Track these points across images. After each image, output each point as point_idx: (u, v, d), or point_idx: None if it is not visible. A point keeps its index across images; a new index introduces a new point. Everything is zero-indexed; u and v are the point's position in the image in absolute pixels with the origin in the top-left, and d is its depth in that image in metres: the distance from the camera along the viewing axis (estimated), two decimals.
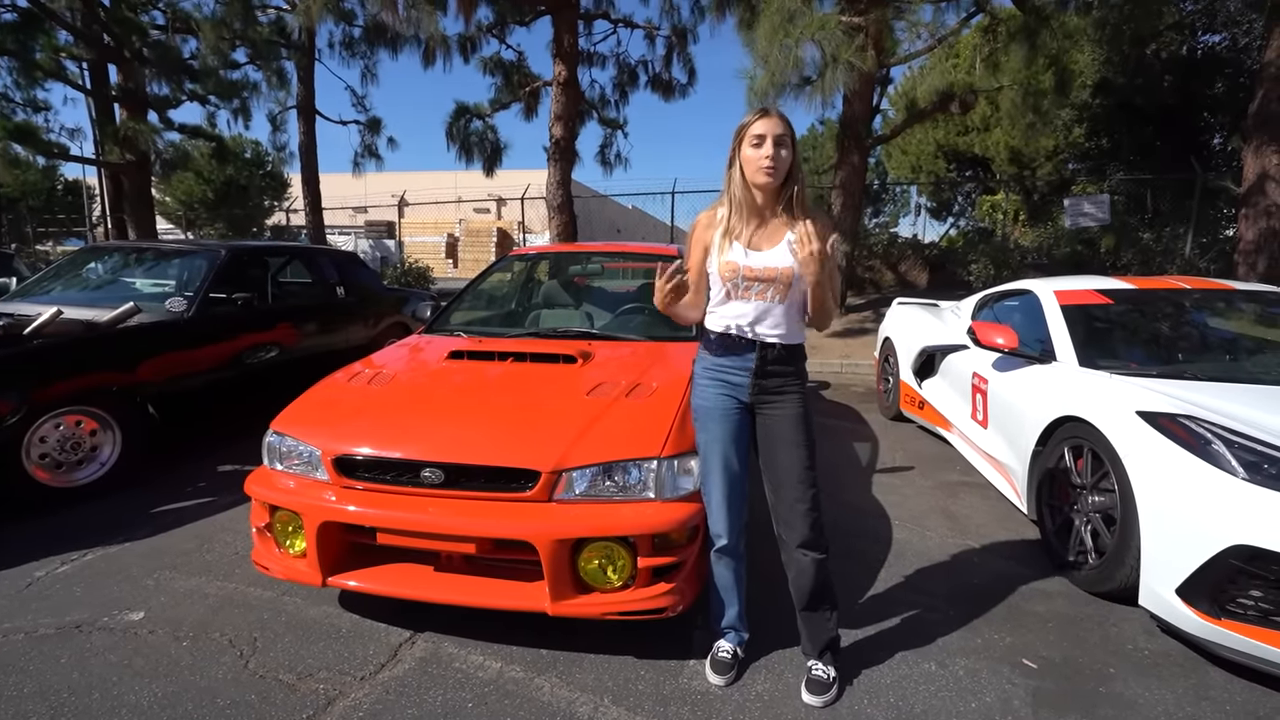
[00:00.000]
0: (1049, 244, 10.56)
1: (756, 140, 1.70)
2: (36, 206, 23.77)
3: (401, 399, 2.28)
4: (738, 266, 1.76)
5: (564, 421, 2.05)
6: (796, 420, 1.79)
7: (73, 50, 10.58)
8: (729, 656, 1.93)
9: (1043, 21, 7.07)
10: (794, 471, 1.78)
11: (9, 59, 10.24)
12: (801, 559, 1.80)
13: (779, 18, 5.64)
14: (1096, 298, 3.22)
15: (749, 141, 1.72)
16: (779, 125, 1.70)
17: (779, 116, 1.71)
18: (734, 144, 1.76)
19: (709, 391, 1.86)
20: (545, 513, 1.87)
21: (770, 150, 1.69)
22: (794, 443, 1.79)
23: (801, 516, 1.77)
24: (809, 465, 1.79)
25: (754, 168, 1.71)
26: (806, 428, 1.81)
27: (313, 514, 1.98)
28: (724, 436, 1.83)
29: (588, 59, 11.41)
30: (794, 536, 1.79)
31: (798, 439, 1.79)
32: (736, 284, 1.77)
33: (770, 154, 1.69)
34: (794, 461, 1.78)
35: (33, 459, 3.10)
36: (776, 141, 1.69)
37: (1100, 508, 2.37)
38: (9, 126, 8.98)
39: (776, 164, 1.70)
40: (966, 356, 3.76)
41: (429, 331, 3.24)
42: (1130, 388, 2.45)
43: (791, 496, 1.78)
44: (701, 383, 1.89)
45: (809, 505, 1.78)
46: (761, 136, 1.70)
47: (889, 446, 4.35)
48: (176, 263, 4.37)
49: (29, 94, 12.35)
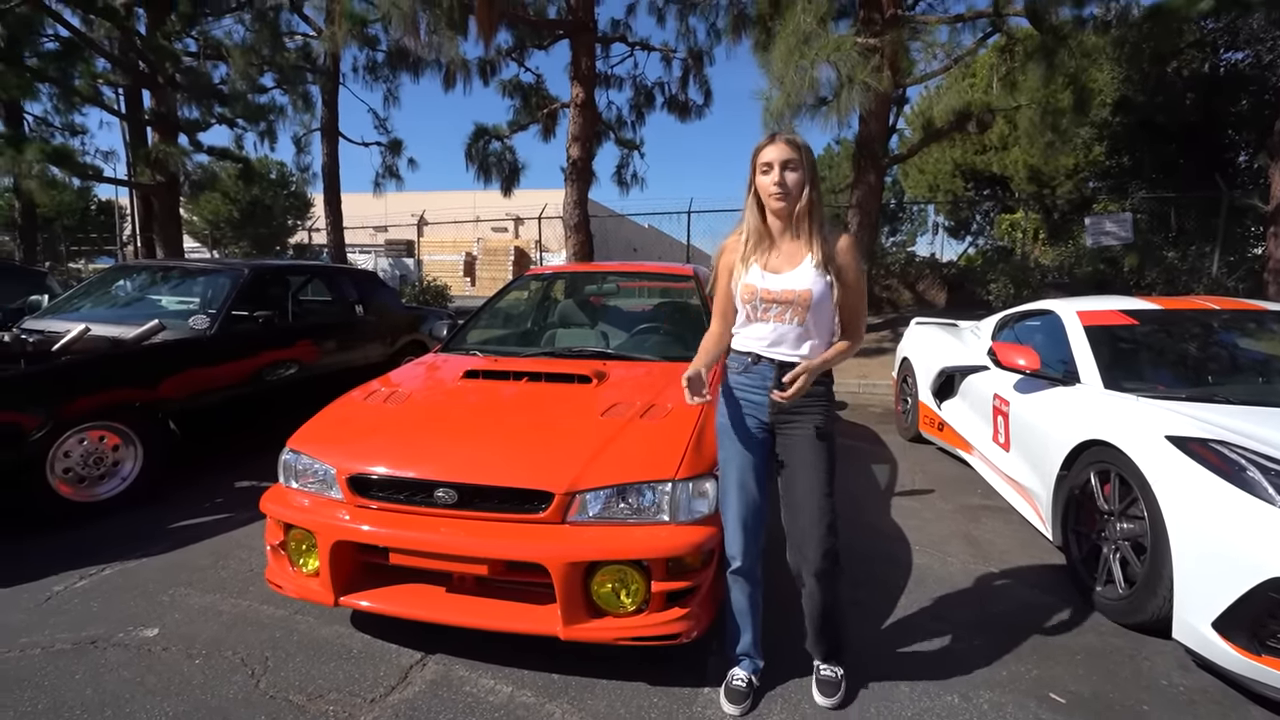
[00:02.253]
0: (1070, 263, 10.42)
1: (765, 167, 1.73)
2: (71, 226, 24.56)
3: (416, 418, 2.29)
4: (755, 289, 1.77)
5: (578, 442, 2.04)
6: (814, 442, 1.78)
7: (109, 77, 10.99)
8: (743, 685, 1.89)
9: (1060, 40, 7.06)
10: (809, 495, 1.76)
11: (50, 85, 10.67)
12: (812, 584, 1.78)
13: (794, 39, 5.69)
14: (1121, 318, 3.15)
15: (760, 168, 1.74)
16: (786, 150, 1.71)
17: (785, 142, 1.72)
18: (750, 169, 1.79)
19: (733, 410, 1.87)
20: (558, 535, 1.85)
21: (777, 176, 1.70)
22: (810, 465, 1.77)
23: (816, 541, 1.75)
24: (826, 490, 1.76)
25: (766, 194, 1.74)
26: (826, 451, 1.79)
27: (326, 533, 1.98)
28: (742, 455, 1.83)
29: (605, 81, 11.61)
30: (807, 562, 1.77)
31: (814, 461, 1.77)
32: (755, 306, 1.78)
33: (777, 179, 1.70)
34: (809, 484, 1.76)
35: (56, 473, 3.15)
36: (783, 166, 1.70)
37: (1129, 535, 2.29)
38: (47, 149, 9.29)
39: (785, 189, 1.71)
40: (987, 377, 3.69)
41: (445, 350, 3.26)
42: (1158, 411, 2.38)
43: (805, 520, 1.77)
44: (724, 401, 1.90)
45: (823, 530, 1.75)
46: (769, 164, 1.72)
47: (908, 469, 4.27)
48: (201, 281, 4.46)
49: (67, 118, 12.89)
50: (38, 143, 9.44)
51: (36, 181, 9.75)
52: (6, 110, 12.04)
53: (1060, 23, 7.34)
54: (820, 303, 1.74)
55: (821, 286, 1.73)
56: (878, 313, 10.60)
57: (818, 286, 1.73)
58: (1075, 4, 7.37)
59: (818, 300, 1.74)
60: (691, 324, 3.40)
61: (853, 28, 7.73)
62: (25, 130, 12.28)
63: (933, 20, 7.65)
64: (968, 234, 17.84)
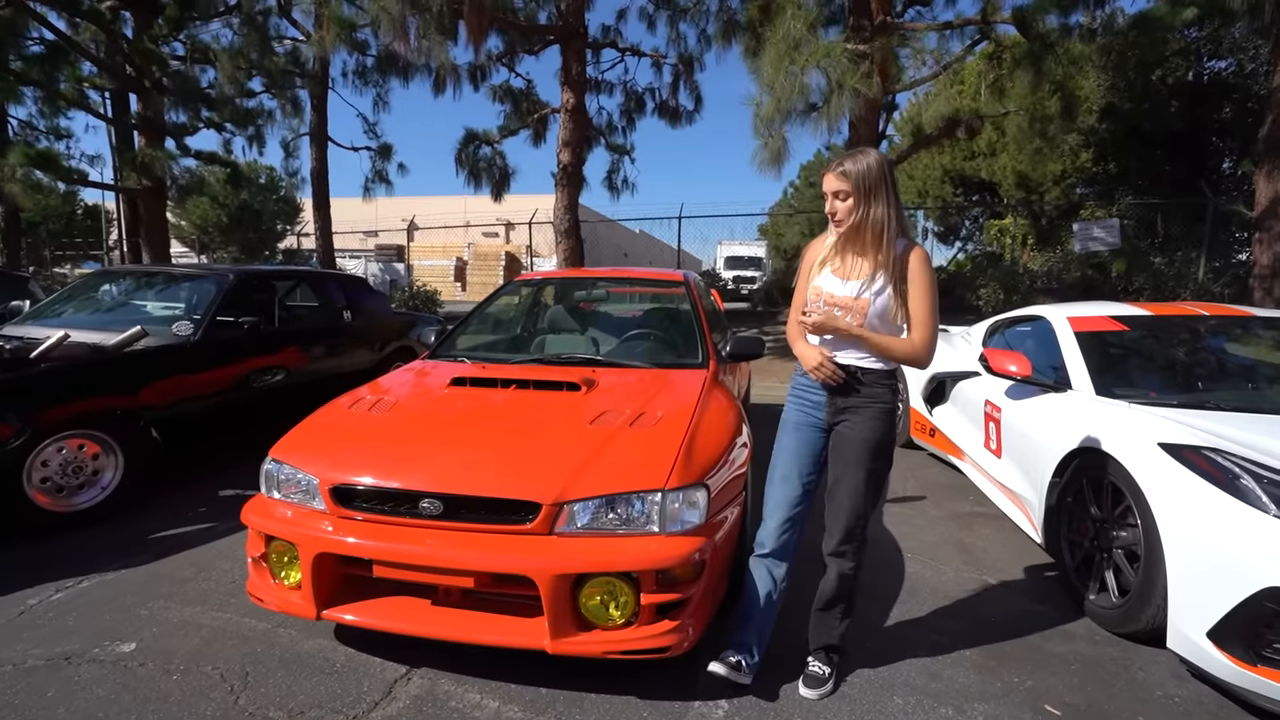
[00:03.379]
0: (1059, 268, 10.50)
1: (826, 196, 1.89)
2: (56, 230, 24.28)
3: (401, 427, 2.24)
4: (821, 292, 1.90)
5: (566, 452, 2.00)
6: (861, 442, 1.87)
7: (95, 80, 10.87)
8: (723, 670, 1.89)
9: (1047, 48, 7.12)
10: (846, 486, 1.88)
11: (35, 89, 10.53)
12: (830, 564, 1.94)
13: (784, 45, 5.70)
14: (1111, 324, 3.15)
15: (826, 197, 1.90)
16: (835, 181, 1.84)
17: (835, 174, 1.84)
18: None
19: (791, 406, 2.03)
20: (546, 546, 1.82)
21: (830, 205, 1.87)
22: (855, 462, 1.86)
23: (841, 527, 1.89)
24: (862, 488, 1.86)
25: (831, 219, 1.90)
26: (874, 452, 1.86)
27: (308, 545, 1.93)
28: (792, 448, 1.98)
29: (596, 86, 11.60)
30: (829, 542, 1.93)
31: (860, 459, 1.86)
32: (819, 307, 1.89)
33: (830, 208, 1.87)
34: (850, 479, 1.87)
35: (34, 483, 3.08)
36: (834, 196, 1.85)
37: (1123, 544, 2.28)
38: (31, 153, 9.16)
39: (840, 215, 1.85)
40: (978, 384, 3.69)
41: (433, 357, 3.21)
42: (1150, 418, 2.37)
43: (836, 508, 1.90)
44: (790, 396, 2.05)
45: (848, 520, 1.88)
46: (825, 194, 1.89)
47: (900, 474, 4.25)
48: (186, 287, 4.39)
49: (53, 122, 12.74)
50: (21, 146, 9.30)
51: (20, 186, 9.62)
52: None
53: (1047, 30, 7.41)
54: (881, 313, 1.82)
55: (882, 299, 1.82)
56: None
57: (877, 297, 1.82)
58: (1062, 12, 7.46)
59: (877, 310, 1.82)
60: (683, 330, 3.38)
61: (842, 34, 7.78)
62: (10, 134, 12.15)
63: (921, 27, 7.70)
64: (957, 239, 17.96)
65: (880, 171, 1.79)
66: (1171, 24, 8.47)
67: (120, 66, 10.17)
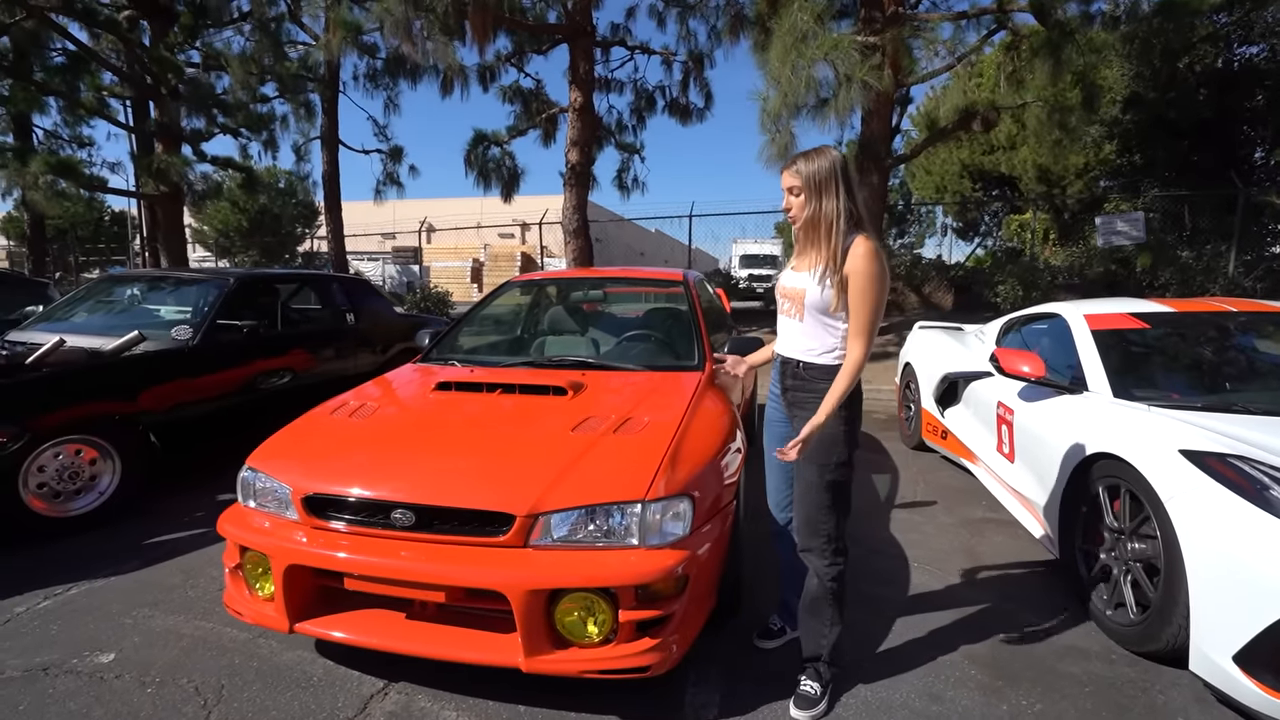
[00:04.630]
0: (1081, 264, 10.18)
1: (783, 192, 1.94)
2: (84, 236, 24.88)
3: (378, 434, 2.18)
4: (778, 283, 2.03)
5: (544, 460, 1.92)
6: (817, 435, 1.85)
7: (115, 89, 11.07)
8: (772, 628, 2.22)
9: (1066, 36, 6.88)
10: (799, 482, 1.92)
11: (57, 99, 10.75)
12: (806, 563, 1.93)
13: (791, 38, 5.57)
14: (1131, 321, 2.99)
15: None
16: (789, 178, 1.89)
17: (790, 170, 1.89)
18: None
19: (769, 404, 2.13)
20: (519, 560, 1.73)
21: (786, 201, 1.92)
22: (806, 456, 1.85)
23: (801, 520, 1.92)
24: (815, 481, 1.86)
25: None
26: (823, 446, 1.85)
27: (280, 556, 1.87)
28: (770, 442, 2.07)
29: (605, 85, 11.52)
30: (798, 539, 1.94)
31: (811, 454, 1.85)
32: (779, 300, 2.01)
33: (785, 204, 1.93)
34: (802, 475, 1.89)
35: (30, 488, 3.08)
36: (789, 192, 1.90)
37: (1141, 556, 2.14)
38: (52, 161, 9.34)
39: (794, 212, 1.90)
40: (991, 384, 3.54)
41: (425, 360, 3.16)
42: (1171, 422, 2.23)
43: (796, 503, 1.95)
44: (768, 396, 2.16)
45: (805, 512, 1.90)
46: (784, 188, 1.93)
47: (910, 478, 4.11)
48: (187, 291, 4.39)
49: (75, 131, 13.02)
50: (42, 155, 9.49)
51: (42, 193, 9.82)
52: (15, 123, 12.17)
53: (1067, 18, 7.16)
54: (815, 304, 1.85)
55: (816, 290, 1.83)
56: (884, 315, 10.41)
57: (813, 289, 1.84)
58: None
59: (811, 302, 1.85)
60: (680, 331, 3.28)
61: (853, 27, 7.61)
62: (34, 143, 12.41)
63: (935, 17, 7.50)
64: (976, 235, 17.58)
65: (831, 169, 1.82)
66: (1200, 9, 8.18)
67: (139, 75, 10.35)
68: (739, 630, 2.27)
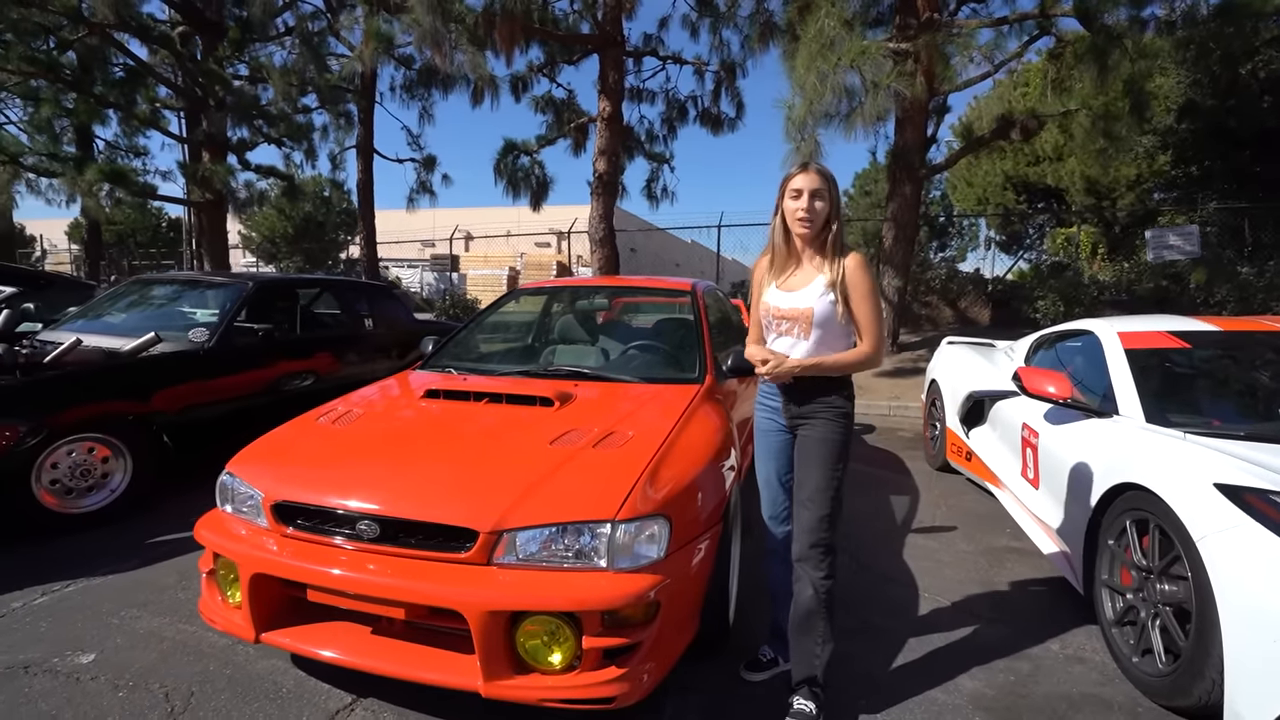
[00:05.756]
0: (1130, 279, 9.67)
1: (795, 193, 1.84)
2: (143, 242, 26.14)
3: (356, 442, 2.13)
4: (769, 306, 1.93)
5: (516, 474, 1.84)
6: (821, 442, 1.85)
7: (168, 102, 11.61)
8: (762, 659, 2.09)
9: (1114, 41, 6.56)
10: (806, 488, 1.85)
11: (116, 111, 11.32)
12: (800, 572, 1.83)
13: (817, 45, 5.44)
14: (1169, 340, 2.76)
15: (789, 194, 1.85)
16: (815, 180, 1.82)
17: (817, 171, 1.83)
18: (779, 193, 1.90)
19: (759, 415, 2.05)
20: (481, 578, 1.66)
21: (806, 204, 1.81)
22: (814, 462, 1.84)
23: (805, 531, 1.83)
24: (823, 486, 1.82)
25: (792, 218, 1.85)
26: (832, 452, 1.84)
27: (247, 563, 1.84)
28: (764, 453, 2.02)
29: (637, 95, 11.54)
30: (797, 546, 1.85)
31: (819, 459, 1.84)
32: (769, 322, 1.94)
33: (805, 207, 1.82)
34: (809, 479, 1.84)
35: (43, 483, 3.15)
36: (813, 195, 1.81)
37: (1171, 599, 1.93)
38: (105, 170, 9.81)
39: (811, 216, 1.82)
40: (1016, 405, 3.33)
41: (424, 367, 3.13)
42: (1207, 453, 2.02)
43: (802, 512, 1.85)
44: (755, 403, 2.07)
45: (810, 523, 1.81)
46: (800, 190, 1.83)
47: (931, 501, 3.90)
48: (208, 294, 4.49)
49: (132, 141, 13.70)
50: (96, 164, 9.98)
51: (94, 200, 10.34)
52: (78, 134, 12.87)
53: (1114, 23, 6.83)
54: (824, 320, 1.83)
55: (824, 305, 1.82)
56: (915, 330, 10.08)
57: (820, 305, 1.82)
58: (1133, 4, 6.86)
59: (820, 318, 1.83)
60: (684, 342, 3.18)
61: (887, 34, 7.42)
62: (95, 153, 13.10)
63: (973, 24, 7.25)
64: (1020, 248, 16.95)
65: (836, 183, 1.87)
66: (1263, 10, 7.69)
67: (190, 88, 10.83)
68: (724, 660, 2.14)
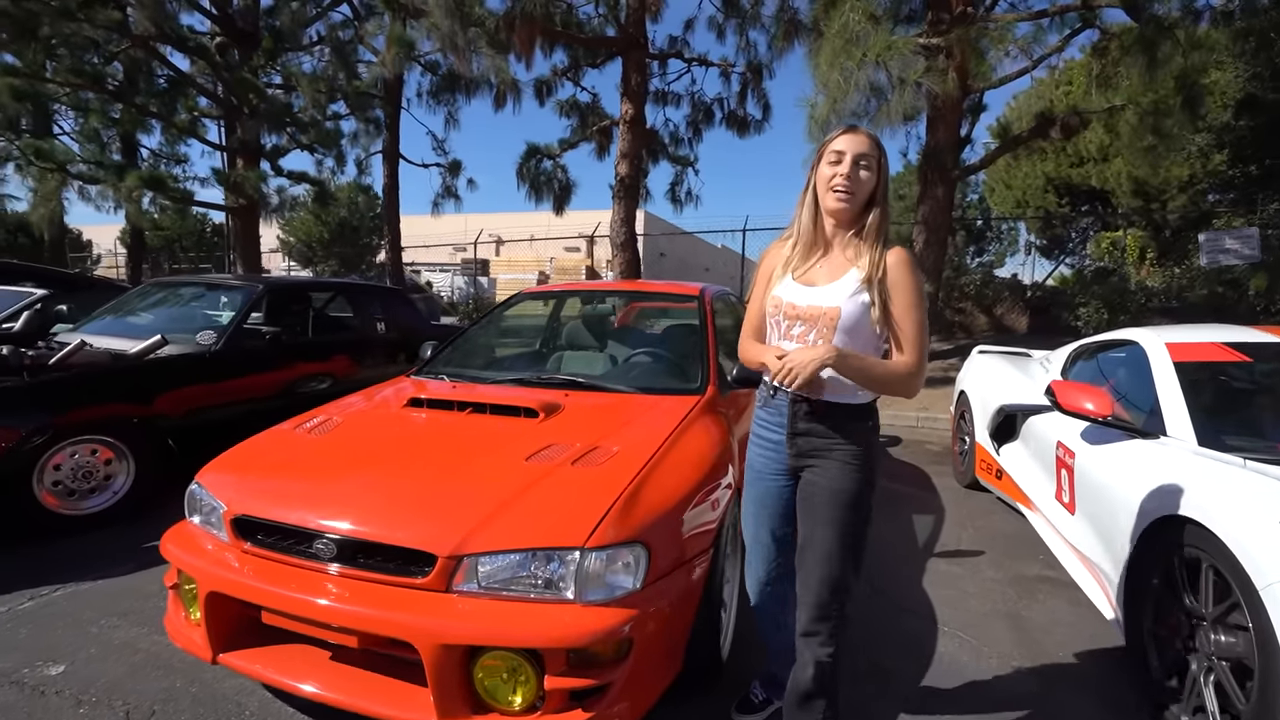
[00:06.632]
0: (1181, 285, 9.11)
1: (835, 156, 1.47)
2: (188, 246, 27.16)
3: (326, 454, 2.03)
4: (780, 302, 1.54)
5: (484, 492, 1.70)
6: (835, 495, 1.49)
7: (207, 111, 11.97)
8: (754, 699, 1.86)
9: (1163, 32, 6.16)
10: (815, 549, 1.50)
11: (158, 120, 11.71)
12: (801, 647, 1.53)
13: (840, 40, 5.22)
14: (1225, 353, 2.48)
15: (828, 158, 1.48)
16: (864, 143, 1.45)
17: (867, 135, 1.47)
18: (812, 163, 1.54)
19: (753, 449, 1.67)
20: (436, 607, 1.52)
21: (848, 169, 1.44)
22: (825, 520, 1.49)
23: (812, 603, 1.50)
24: (836, 552, 1.48)
25: (826, 186, 1.48)
26: (849, 505, 1.48)
27: (204, 580, 1.74)
28: (756, 501, 1.66)
29: (662, 98, 11.43)
30: (800, 619, 1.53)
31: (831, 516, 1.49)
32: (778, 321, 1.54)
33: (847, 172, 1.44)
34: (820, 542, 1.49)
35: (45, 484, 3.15)
36: (857, 160, 1.45)
37: (1228, 652, 1.69)
38: (144, 176, 10.11)
39: (853, 185, 1.45)
40: (1050, 420, 3.06)
41: (419, 373, 3.03)
42: (1272, 484, 1.77)
43: (807, 577, 1.52)
44: (752, 435, 1.69)
45: (819, 594, 1.48)
46: (841, 153, 1.46)
47: (957, 522, 3.64)
48: (220, 297, 4.51)
49: (173, 149, 14.18)
50: (136, 171, 10.30)
51: (135, 206, 10.68)
52: (123, 142, 13.37)
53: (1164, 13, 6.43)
54: (853, 326, 1.45)
55: (856, 306, 1.45)
56: (948, 338, 9.68)
57: (851, 305, 1.45)
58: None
59: (848, 322, 1.45)
60: (689, 351, 3.01)
61: (919, 30, 7.13)
62: (140, 160, 13.60)
63: (1010, 17, 6.92)
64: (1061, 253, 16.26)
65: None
66: None
67: (227, 97, 11.13)
68: (716, 700, 1.96)
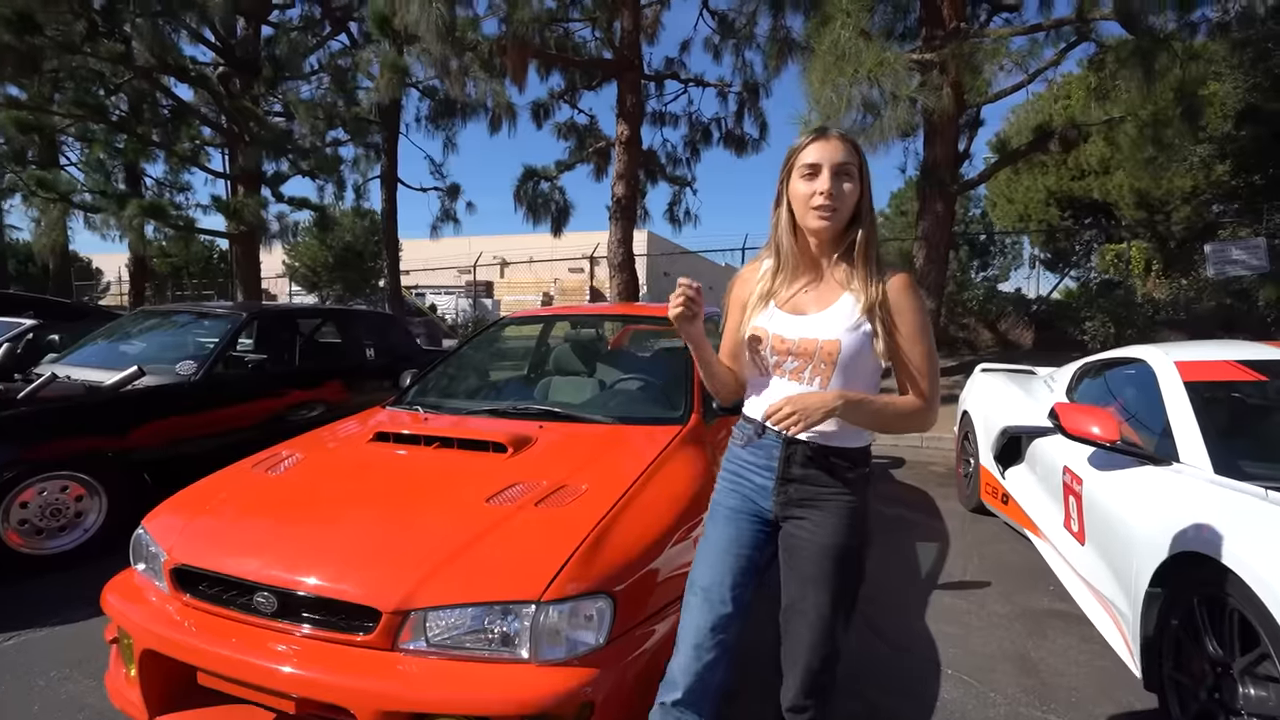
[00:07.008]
0: (1188, 297, 8.95)
1: (808, 170, 1.27)
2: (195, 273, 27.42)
3: (277, 495, 1.91)
4: (765, 335, 1.34)
5: (438, 539, 1.58)
6: (828, 551, 1.30)
7: (210, 140, 12.10)
8: None
9: (1159, 44, 6.10)
10: (807, 614, 1.31)
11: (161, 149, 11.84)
12: None
13: (832, 57, 5.18)
14: (1239, 372, 2.34)
15: (799, 173, 1.29)
16: (840, 150, 1.26)
17: (840, 139, 1.28)
18: (781, 176, 1.34)
19: (724, 486, 1.44)
20: (379, 668, 1.39)
21: (827, 184, 1.25)
22: (817, 579, 1.31)
23: (800, 671, 1.31)
24: (828, 616, 1.29)
25: (804, 207, 1.29)
26: (841, 562, 1.30)
27: (139, 636, 1.62)
28: (720, 547, 1.37)
29: (659, 119, 11.47)
30: (786, 693, 1.34)
31: (825, 575, 1.30)
32: (763, 357, 1.35)
33: (827, 188, 1.25)
34: (811, 604, 1.30)
35: (10, 523, 3.03)
36: (836, 171, 1.26)
37: (1258, 707, 1.53)
38: (144, 205, 10.19)
39: (836, 201, 1.26)
40: (1056, 444, 2.91)
41: (396, 403, 2.92)
42: None
43: (795, 644, 1.32)
44: (722, 475, 1.46)
45: (809, 662, 1.30)
46: (815, 166, 1.26)
47: (962, 549, 3.48)
48: (204, 325, 4.43)
49: (177, 178, 14.35)
50: (136, 200, 10.38)
51: (136, 234, 10.74)
52: (127, 172, 13.53)
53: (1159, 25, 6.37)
54: (854, 360, 1.28)
55: (857, 339, 1.27)
56: (953, 354, 9.53)
57: (851, 339, 1.27)
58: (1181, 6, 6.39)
59: (849, 356, 1.27)
60: (673, 377, 2.88)
61: (911, 48, 7.11)
62: (143, 189, 13.74)
63: (1005, 32, 6.88)
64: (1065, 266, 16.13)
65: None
66: None
67: (229, 125, 11.25)
68: None
